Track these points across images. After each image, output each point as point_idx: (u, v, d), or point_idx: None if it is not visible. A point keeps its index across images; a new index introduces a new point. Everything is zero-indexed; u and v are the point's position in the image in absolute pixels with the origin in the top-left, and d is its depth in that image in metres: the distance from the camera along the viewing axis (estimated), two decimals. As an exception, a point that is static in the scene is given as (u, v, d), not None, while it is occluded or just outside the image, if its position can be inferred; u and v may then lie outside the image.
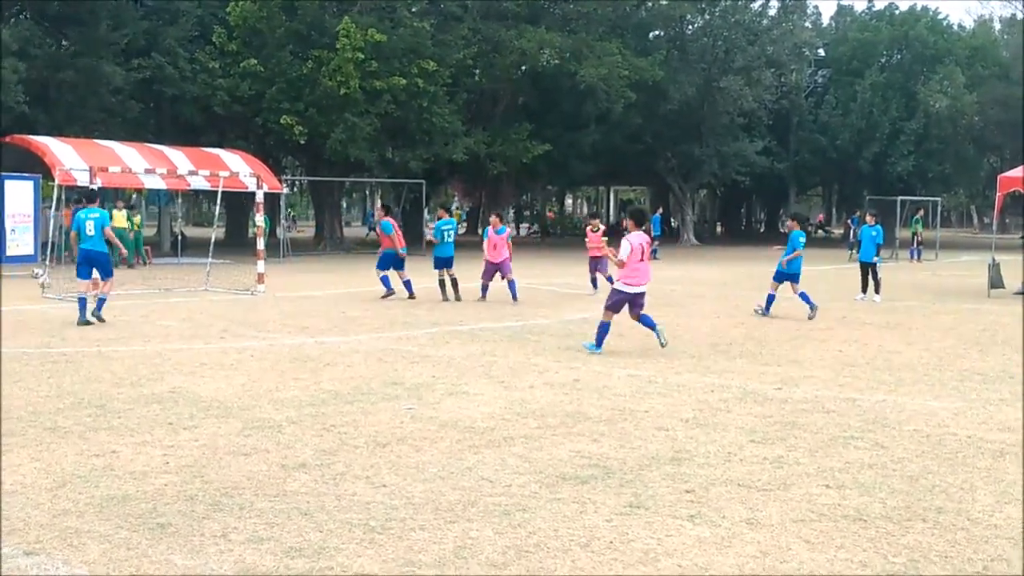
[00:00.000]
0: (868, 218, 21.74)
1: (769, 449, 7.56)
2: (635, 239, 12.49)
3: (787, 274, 17.66)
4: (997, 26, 68.04)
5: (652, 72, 42.04)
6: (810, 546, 5.38)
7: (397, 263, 19.79)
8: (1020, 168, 24.25)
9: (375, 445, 7.53)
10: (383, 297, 19.44)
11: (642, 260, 12.51)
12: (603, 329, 12.71)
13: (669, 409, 9.04)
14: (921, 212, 42.30)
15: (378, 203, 19.83)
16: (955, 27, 61.87)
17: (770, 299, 17.59)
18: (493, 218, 21.24)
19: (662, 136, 50.10)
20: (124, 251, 18.12)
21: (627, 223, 13.41)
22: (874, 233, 20.67)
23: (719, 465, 7.07)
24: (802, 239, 17.80)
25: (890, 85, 53.84)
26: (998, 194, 23.30)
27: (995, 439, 7.95)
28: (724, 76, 47.81)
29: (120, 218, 27.26)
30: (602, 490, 6.41)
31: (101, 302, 15.24)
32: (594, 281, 21.27)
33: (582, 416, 8.70)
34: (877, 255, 20.61)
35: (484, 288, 19.71)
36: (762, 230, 72.65)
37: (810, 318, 16.90)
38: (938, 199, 46.00)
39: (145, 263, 29.63)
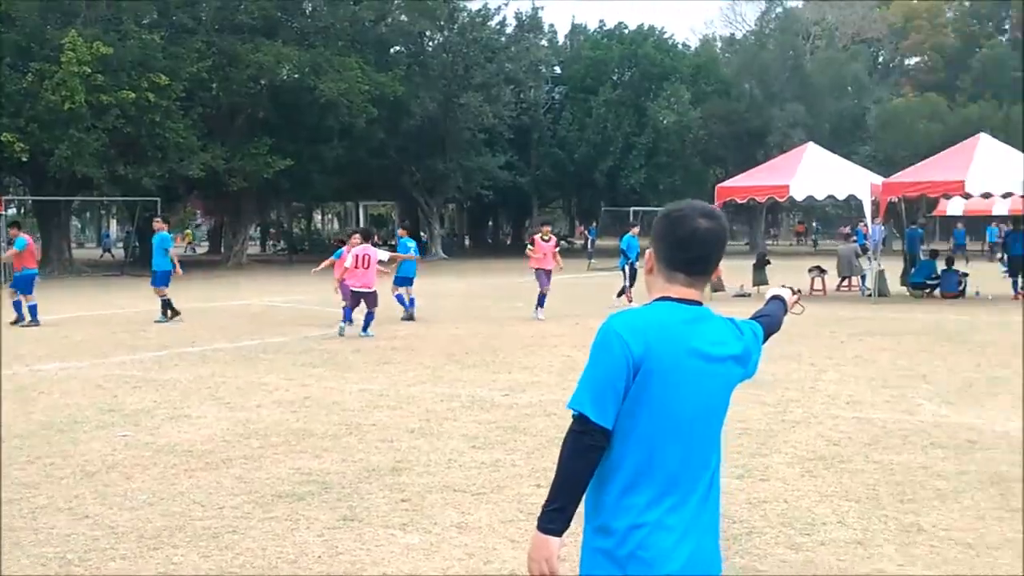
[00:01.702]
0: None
1: (488, 454, 7.71)
2: (357, 250, 16.27)
3: (401, 277, 19.13)
4: (719, 45, 72.35)
5: (393, 87, 42.21)
6: (515, 545, 5.52)
7: (27, 285, 18.14)
8: (735, 179, 25.89)
9: (82, 475, 7.19)
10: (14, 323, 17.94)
11: (357, 267, 16.13)
12: (345, 312, 16.46)
13: (396, 421, 9.08)
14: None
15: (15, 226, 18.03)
16: (680, 46, 65.33)
17: (399, 300, 18.90)
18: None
19: (406, 151, 50.37)
20: None
21: (355, 238, 16.89)
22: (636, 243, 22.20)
23: (438, 473, 7.16)
24: (410, 244, 19.96)
25: (622, 101, 56.21)
26: (716, 203, 24.71)
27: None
28: (464, 92, 48.59)
29: None
30: (317, 506, 6.36)
31: None
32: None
33: (308, 433, 8.60)
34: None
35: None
36: (508, 242, 74.21)
37: (405, 319, 18.46)
38: (669, 209, 48.28)
39: None
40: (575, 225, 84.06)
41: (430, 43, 51.56)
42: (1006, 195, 24.25)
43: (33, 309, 18.07)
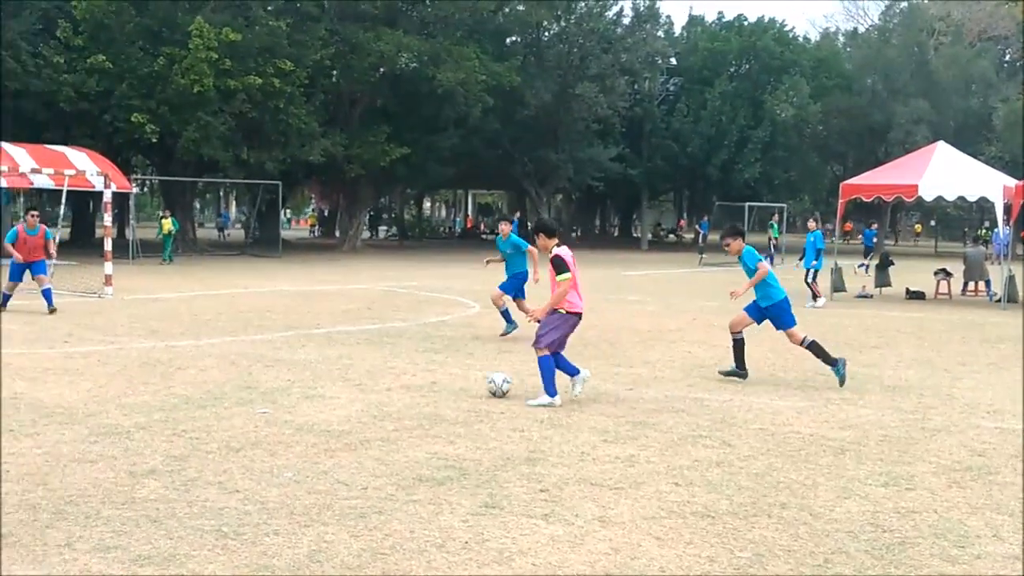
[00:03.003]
0: (811, 223, 22.53)
1: (621, 448, 7.72)
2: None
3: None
4: (841, 39, 70.91)
5: (509, 77, 42.38)
6: (660, 542, 5.53)
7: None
8: (862, 176, 25.32)
9: (228, 450, 7.41)
10: None
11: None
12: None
13: (525, 410, 9.14)
14: (776, 217, 43.77)
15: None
16: (801, 39, 64.17)
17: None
18: None
19: (519, 141, 50.56)
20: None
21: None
22: (812, 239, 21.39)
23: (573, 464, 7.19)
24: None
25: (738, 94, 55.46)
26: (840, 201, 24.24)
27: (836, 436, 8.28)
28: (579, 83, 48.49)
29: None
30: (458, 491, 6.45)
31: None
32: None
33: (439, 418, 8.72)
34: (816, 259, 21.19)
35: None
36: (616, 234, 74.00)
37: None
38: (784, 205, 47.60)
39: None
40: (686, 219, 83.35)
41: (547, 33, 51.61)
42: None
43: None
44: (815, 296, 21.09)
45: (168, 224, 33.95)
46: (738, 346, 11.17)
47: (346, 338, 14.15)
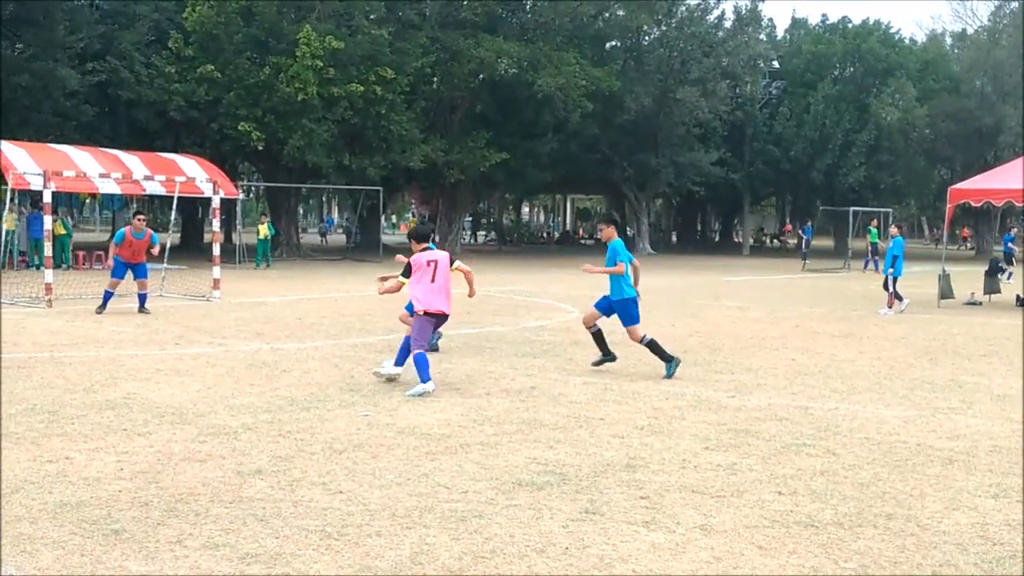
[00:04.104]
0: (892, 230, 22.01)
1: (723, 456, 7.64)
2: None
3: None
4: (948, 41, 69.17)
5: (609, 82, 42.33)
6: (763, 552, 5.46)
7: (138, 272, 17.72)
8: (971, 180, 24.64)
9: (331, 451, 7.53)
10: None
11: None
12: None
13: (624, 416, 9.11)
14: (875, 223, 42.82)
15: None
16: (907, 41, 62.78)
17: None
18: None
19: (618, 145, 50.42)
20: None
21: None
22: (892, 245, 20.87)
23: (674, 472, 7.14)
24: None
25: (843, 97, 54.50)
26: (948, 206, 23.63)
27: (944, 447, 8.08)
28: (680, 87, 48.21)
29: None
30: (558, 496, 6.45)
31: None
32: None
33: (538, 423, 8.74)
34: (892, 266, 20.67)
35: None
36: (716, 239, 73.25)
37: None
38: (889, 210, 46.59)
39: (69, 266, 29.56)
40: (787, 224, 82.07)
41: (647, 37, 51.45)
42: None
43: (142, 298, 17.83)
44: (892, 303, 20.60)
45: (264, 229, 34.63)
46: (597, 337, 12.02)
47: (445, 342, 14.23)
